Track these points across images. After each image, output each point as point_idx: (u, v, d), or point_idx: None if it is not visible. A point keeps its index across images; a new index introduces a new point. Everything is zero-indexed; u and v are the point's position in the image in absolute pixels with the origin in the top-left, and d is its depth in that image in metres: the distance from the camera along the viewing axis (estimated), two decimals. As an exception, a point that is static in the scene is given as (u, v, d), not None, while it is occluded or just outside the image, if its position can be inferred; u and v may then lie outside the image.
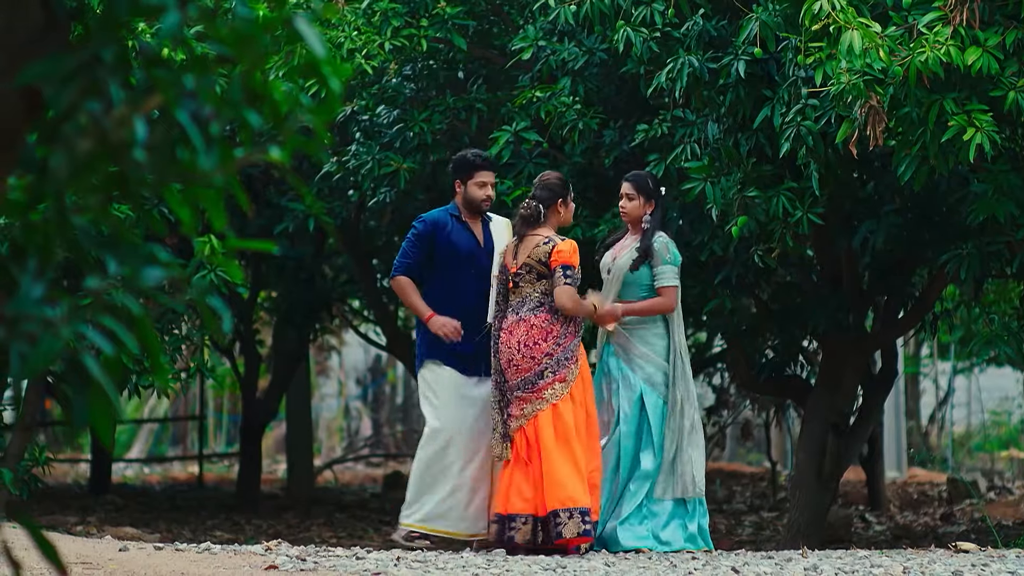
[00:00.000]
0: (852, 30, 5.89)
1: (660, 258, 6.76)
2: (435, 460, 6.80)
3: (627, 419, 6.75)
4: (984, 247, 7.09)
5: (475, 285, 6.87)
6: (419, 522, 6.81)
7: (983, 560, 6.07)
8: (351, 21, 7.86)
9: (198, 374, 8.28)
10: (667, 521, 6.70)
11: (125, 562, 5.43)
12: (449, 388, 6.83)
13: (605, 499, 6.75)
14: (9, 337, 1.85)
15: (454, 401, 6.81)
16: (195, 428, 19.33)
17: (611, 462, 6.79)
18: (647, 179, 6.94)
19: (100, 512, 11.17)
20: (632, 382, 6.77)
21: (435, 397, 6.84)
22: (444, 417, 6.80)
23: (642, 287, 6.81)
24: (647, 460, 6.72)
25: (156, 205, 6.60)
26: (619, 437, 6.77)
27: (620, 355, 6.83)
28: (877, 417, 10.49)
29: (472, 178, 6.90)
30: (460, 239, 6.90)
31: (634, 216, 6.91)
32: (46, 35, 2.01)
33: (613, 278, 6.84)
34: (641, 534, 6.65)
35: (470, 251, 6.89)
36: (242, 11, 2.02)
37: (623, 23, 7.15)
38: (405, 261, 6.91)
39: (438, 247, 6.86)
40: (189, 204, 2.03)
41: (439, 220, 6.90)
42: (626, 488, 6.74)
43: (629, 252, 6.84)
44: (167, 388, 8.35)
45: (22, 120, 2.01)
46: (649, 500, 6.71)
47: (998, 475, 15.87)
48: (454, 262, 6.88)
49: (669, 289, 6.76)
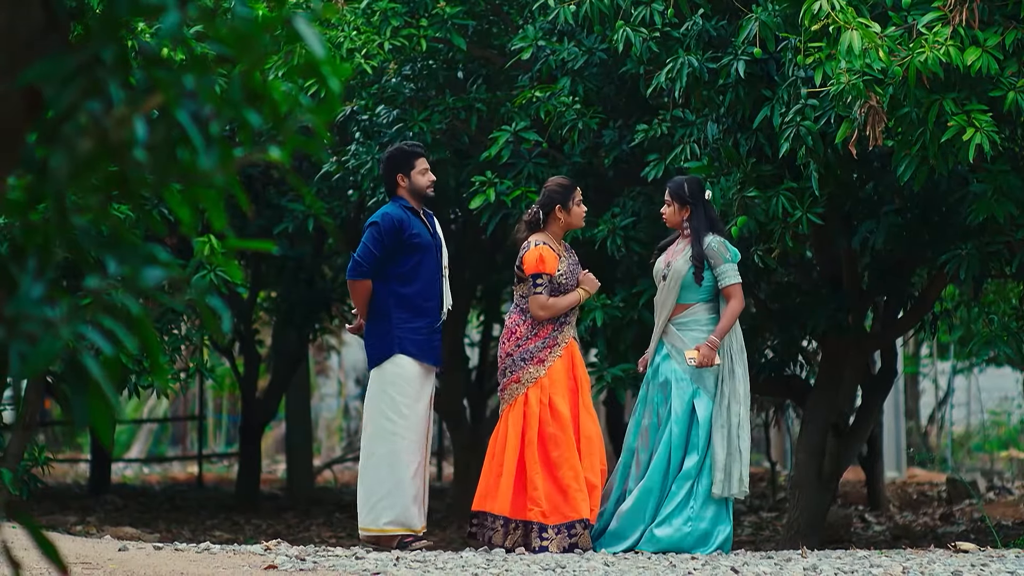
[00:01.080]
0: (852, 30, 5.89)
1: (720, 258, 6.72)
2: (394, 459, 6.78)
3: (678, 420, 6.71)
4: (983, 247, 7.09)
5: (435, 277, 6.90)
6: (391, 525, 6.77)
7: (982, 560, 6.07)
8: (351, 21, 7.86)
9: (197, 374, 8.28)
10: (711, 522, 6.67)
11: (125, 562, 5.43)
12: (414, 384, 6.83)
13: (653, 499, 6.72)
14: (9, 337, 1.86)
15: (414, 397, 6.82)
16: (195, 428, 19.33)
17: (660, 463, 6.75)
18: (682, 185, 6.82)
19: (100, 512, 11.17)
20: (684, 383, 6.74)
21: (398, 394, 6.80)
22: (407, 415, 6.79)
23: (702, 289, 6.77)
24: (690, 460, 6.69)
25: (156, 205, 6.61)
26: (669, 437, 6.73)
27: (674, 356, 6.79)
28: (876, 417, 10.49)
29: (414, 168, 6.86)
30: (420, 231, 6.87)
31: (673, 222, 6.86)
32: (46, 35, 2.01)
33: (671, 283, 6.77)
34: (683, 532, 6.62)
35: (428, 242, 6.89)
36: (242, 11, 2.03)
37: (623, 23, 7.16)
38: (368, 263, 6.81)
39: (403, 243, 6.82)
40: (189, 204, 2.03)
41: (399, 216, 6.82)
42: (669, 490, 6.72)
43: (683, 257, 6.76)
44: (167, 388, 8.35)
45: (22, 120, 2.01)
46: (694, 499, 6.68)
47: (997, 475, 15.87)
48: (419, 254, 6.85)
49: (735, 287, 6.73)
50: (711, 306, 6.78)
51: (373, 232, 6.80)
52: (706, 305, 6.77)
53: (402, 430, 6.76)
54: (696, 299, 6.76)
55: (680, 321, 6.77)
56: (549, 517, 6.58)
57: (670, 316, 6.79)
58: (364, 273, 6.81)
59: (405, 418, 6.76)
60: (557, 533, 6.55)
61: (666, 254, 6.90)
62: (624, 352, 7.92)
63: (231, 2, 2.07)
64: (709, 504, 6.65)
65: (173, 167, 1.98)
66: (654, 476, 6.70)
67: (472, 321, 14.04)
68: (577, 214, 6.86)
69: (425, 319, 6.83)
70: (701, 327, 6.75)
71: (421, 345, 6.82)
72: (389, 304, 6.81)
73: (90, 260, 2.03)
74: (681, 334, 6.75)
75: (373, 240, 6.80)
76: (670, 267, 6.79)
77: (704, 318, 6.76)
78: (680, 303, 6.77)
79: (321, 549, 6.46)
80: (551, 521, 6.57)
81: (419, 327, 6.81)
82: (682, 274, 6.73)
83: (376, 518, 6.75)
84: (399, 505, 6.72)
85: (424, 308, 6.83)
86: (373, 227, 6.81)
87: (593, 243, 7.84)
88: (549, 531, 6.56)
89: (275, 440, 20.41)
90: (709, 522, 6.64)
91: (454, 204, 9.79)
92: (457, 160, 8.80)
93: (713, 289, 6.76)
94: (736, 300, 6.71)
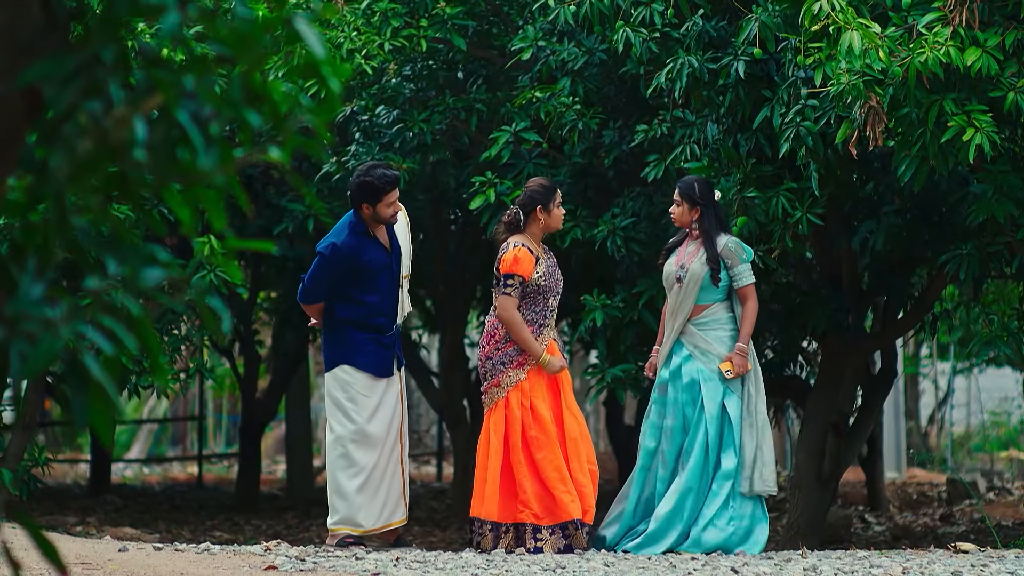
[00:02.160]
0: (852, 31, 5.89)
1: (737, 258, 6.73)
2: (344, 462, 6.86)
3: (712, 420, 6.71)
4: (984, 247, 7.09)
5: (389, 292, 6.91)
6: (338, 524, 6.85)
7: (982, 560, 6.07)
8: (351, 21, 7.86)
9: (197, 374, 8.29)
10: (752, 519, 6.68)
11: (124, 562, 5.43)
12: (363, 391, 6.87)
13: (692, 499, 6.69)
14: (9, 337, 1.86)
15: (363, 404, 6.86)
16: (194, 428, 19.33)
17: (698, 463, 6.73)
18: (692, 185, 6.80)
19: (100, 512, 11.17)
20: (714, 384, 6.74)
21: (347, 400, 6.87)
22: (356, 420, 6.83)
23: (719, 289, 6.78)
24: (728, 460, 6.69)
25: (156, 205, 6.60)
26: (705, 438, 6.72)
27: (698, 357, 6.78)
28: (876, 417, 10.49)
29: (381, 201, 6.81)
30: (373, 255, 6.86)
31: (682, 222, 6.85)
32: (46, 36, 2.01)
33: (688, 285, 6.76)
34: (728, 532, 6.62)
35: (382, 264, 6.89)
36: (242, 11, 2.03)
37: (622, 23, 7.16)
38: (317, 289, 6.89)
39: (353, 270, 6.83)
40: (189, 204, 2.03)
41: (347, 246, 6.80)
42: (708, 490, 6.71)
43: (699, 260, 6.77)
44: (167, 388, 8.35)
45: (22, 120, 2.01)
46: (734, 499, 6.68)
47: (997, 476, 15.86)
48: (368, 279, 6.87)
49: (751, 287, 6.76)
50: (728, 304, 6.82)
51: (320, 262, 6.85)
52: (723, 304, 6.81)
53: (351, 434, 6.85)
54: (714, 299, 6.79)
55: (700, 321, 6.79)
56: (542, 518, 6.58)
57: (688, 317, 6.79)
58: (313, 298, 6.95)
59: (354, 423, 6.85)
60: (551, 534, 6.56)
61: (676, 256, 6.89)
62: (624, 353, 7.91)
63: (231, 2, 2.07)
64: (746, 502, 6.68)
65: (173, 167, 1.98)
66: (692, 476, 6.69)
67: (472, 322, 14.04)
68: (556, 216, 6.81)
69: (375, 332, 6.89)
70: (721, 325, 6.78)
71: (369, 356, 6.90)
72: (341, 317, 6.92)
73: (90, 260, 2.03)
74: (703, 334, 6.77)
75: (320, 269, 6.86)
76: (685, 270, 6.78)
77: (723, 316, 6.80)
78: (698, 304, 6.79)
79: (321, 550, 6.46)
80: (544, 522, 6.58)
81: (368, 339, 6.89)
82: (700, 276, 6.74)
83: (330, 517, 6.88)
84: (344, 506, 6.82)
85: (374, 323, 6.89)
86: (320, 257, 6.85)
87: (593, 243, 7.84)
88: (543, 532, 6.56)
89: (275, 440, 20.40)
90: (750, 519, 6.67)
91: (454, 204, 9.79)
92: (457, 160, 8.80)
93: (728, 288, 6.79)
94: (753, 300, 6.76)
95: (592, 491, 6.67)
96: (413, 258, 7.18)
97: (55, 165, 1.92)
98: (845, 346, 8.19)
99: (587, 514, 6.62)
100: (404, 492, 6.94)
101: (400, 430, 6.95)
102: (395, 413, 6.94)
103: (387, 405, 6.91)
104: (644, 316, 7.77)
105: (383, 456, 6.86)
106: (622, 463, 13.22)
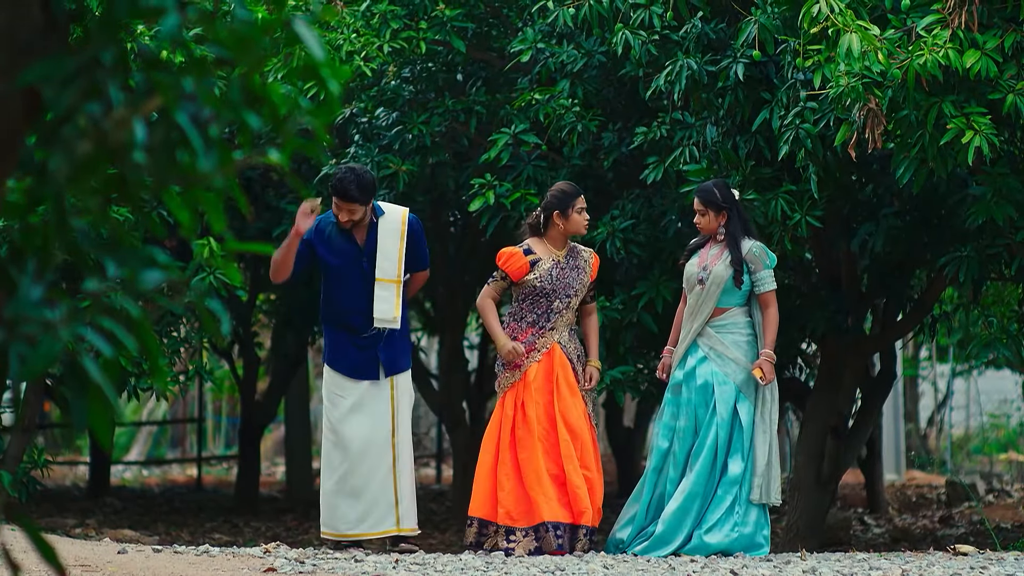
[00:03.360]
0: (851, 33, 5.89)
1: (760, 263, 6.72)
2: (325, 465, 6.90)
3: (723, 424, 6.71)
4: (983, 250, 7.09)
5: (361, 291, 6.86)
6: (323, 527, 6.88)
7: (981, 563, 6.06)
8: (350, 23, 7.86)
9: (197, 376, 8.28)
10: (755, 526, 6.67)
11: (124, 564, 5.43)
12: (340, 393, 6.88)
13: (698, 503, 6.69)
14: (9, 339, 1.85)
15: (340, 406, 6.86)
16: (194, 430, 19.31)
17: (705, 467, 6.71)
18: (712, 191, 6.77)
19: (99, 514, 11.17)
20: (727, 387, 6.73)
21: (328, 402, 6.93)
22: (333, 423, 6.85)
23: (740, 293, 6.78)
24: (735, 465, 6.68)
25: (155, 207, 6.60)
26: (715, 441, 6.72)
27: (713, 360, 6.78)
28: (876, 419, 10.48)
29: (335, 203, 6.80)
30: (337, 247, 6.85)
31: (710, 229, 6.81)
32: (46, 37, 2.01)
33: (710, 288, 6.75)
34: (732, 538, 6.62)
35: (348, 258, 6.86)
36: (241, 13, 2.03)
37: (622, 26, 7.16)
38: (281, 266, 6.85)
39: (317, 258, 6.86)
40: (188, 206, 2.03)
41: (313, 229, 6.81)
42: (714, 494, 6.71)
43: (723, 263, 6.75)
44: (166, 390, 8.35)
45: (22, 122, 2.01)
46: (739, 504, 6.68)
47: (997, 478, 15.86)
48: (334, 274, 6.88)
49: (772, 294, 6.76)
50: (746, 309, 6.82)
51: None
52: (742, 308, 6.81)
53: (328, 432, 6.90)
54: (733, 303, 6.79)
55: (718, 324, 6.79)
56: (517, 520, 6.59)
57: (707, 320, 6.79)
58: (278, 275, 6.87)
59: (329, 422, 6.89)
60: (524, 536, 6.56)
61: (698, 257, 6.87)
62: (623, 354, 7.91)
63: (230, 4, 2.07)
64: (751, 509, 6.68)
65: (172, 169, 1.98)
66: (699, 479, 6.69)
67: (471, 324, 14.04)
68: (577, 221, 6.84)
69: (350, 332, 6.88)
70: (739, 329, 6.78)
71: (343, 356, 6.91)
72: (322, 315, 7.05)
73: (89, 262, 2.03)
74: (721, 336, 6.77)
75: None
76: (708, 271, 6.77)
77: (742, 321, 6.80)
78: (717, 307, 6.79)
79: (320, 552, 6.46)
80: (519, 524, 6.58)
81: (343, 339, 6.91)
82: (724, 279, 6.73)
83: (331, 522, 6.89)
84: (324, 506, 6.88)
85: (348, 323, 6.88)
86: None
87: (592, 245, 7.84)
88: (517, 533, 6.57)
89: (274, 442, 20.39)
90: (754, 526, 6.66)
91: (453, 206, 9.78)
92: (456, 162, 8.80)
93: (748, 293, 6.79)
94: (774, 306, 6.77)
95: (586, 493, 6.62)
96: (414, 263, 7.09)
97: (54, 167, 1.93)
98: (844, 348, 8.19)
99: (583, 515, 6.59)
100: (397, 502, 6.86)
101: (393, 439, 6.89)
102: (383, 420, 6.87)
103: (368, 410, 6.84)
104: (643, 318, 7.76)
105: (364, 462, 6.79)
106: (621, 464, 13.22)
